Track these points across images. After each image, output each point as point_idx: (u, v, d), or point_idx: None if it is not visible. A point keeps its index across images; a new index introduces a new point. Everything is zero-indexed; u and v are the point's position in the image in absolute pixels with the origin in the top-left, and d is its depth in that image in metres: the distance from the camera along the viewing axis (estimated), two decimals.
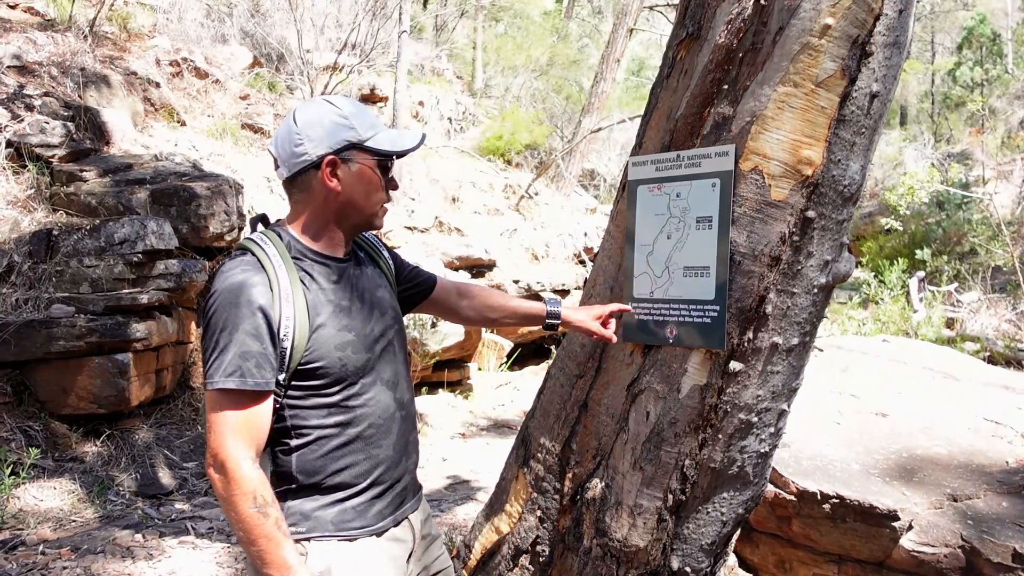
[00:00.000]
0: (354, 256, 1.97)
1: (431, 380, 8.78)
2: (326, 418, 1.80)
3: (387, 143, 1.84)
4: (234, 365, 1.68)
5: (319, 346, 1.76)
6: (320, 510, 1.81)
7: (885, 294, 11.30)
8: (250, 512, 1.64)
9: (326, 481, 1.81)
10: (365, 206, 1.86)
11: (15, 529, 4.55)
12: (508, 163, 14.44)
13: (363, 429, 1.84)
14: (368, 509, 1.86)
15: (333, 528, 1.81)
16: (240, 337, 1.69)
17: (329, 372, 1.78)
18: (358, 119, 1.83)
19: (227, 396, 1.68)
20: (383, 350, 1.91)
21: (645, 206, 2.18)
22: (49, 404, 5.67)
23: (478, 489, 5.53)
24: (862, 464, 3.44)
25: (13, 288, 5.83)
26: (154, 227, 6.31)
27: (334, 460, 1.81)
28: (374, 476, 1.86)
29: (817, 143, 1.92)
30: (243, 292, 1.71)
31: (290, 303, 1.74)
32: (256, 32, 12.28)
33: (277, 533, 1.66)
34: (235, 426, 1.68)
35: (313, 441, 1.80)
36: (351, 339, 1.82)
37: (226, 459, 1.66)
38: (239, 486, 1.65)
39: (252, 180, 8.82)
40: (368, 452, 1.85)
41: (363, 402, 1.84)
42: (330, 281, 1.85)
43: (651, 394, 2.12)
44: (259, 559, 1.65)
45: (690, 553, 2.18)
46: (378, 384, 1.88)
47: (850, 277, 2.12)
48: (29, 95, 7.48)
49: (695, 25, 2.09)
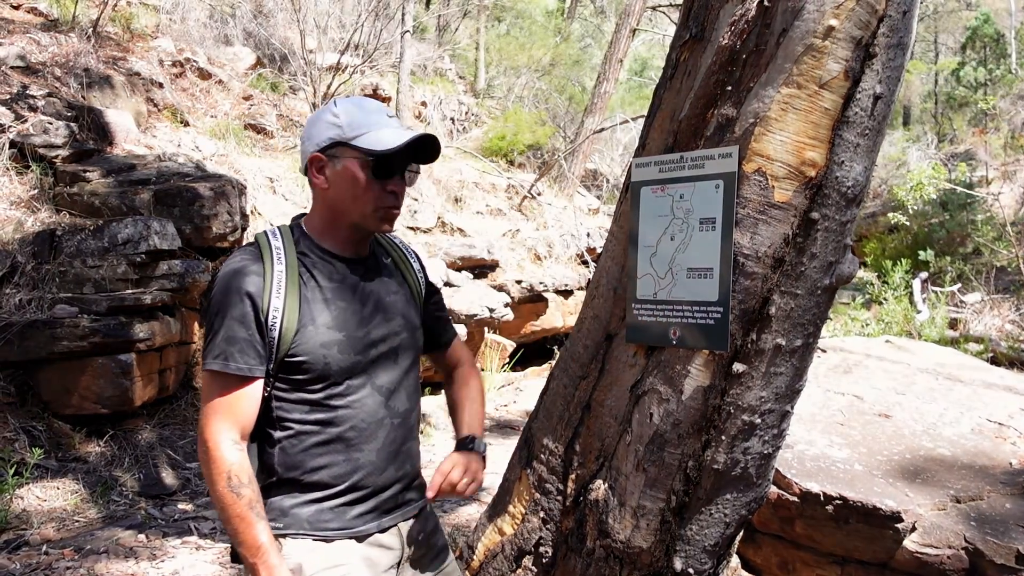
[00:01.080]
0: (372, 259, 1.98)
1: (434, 380, 8.78)
2: (308, 414, 1.83)
3: (372, 142, 1.82)
4: (219, 348, 1.75)
5: (305, 341, 1.79)
6: (297, 508, 1.84)
7: (888, 295, 11.28)
8: (224, 490, 1.70)
9: (304, 477, 1.83)
10: (352, 205, 1.86)
11: (19, 529, 4.56)
12: (511, 163, 14.44)
13: (343, 430, 1.84)
14: (346, 512, 1.86)
15: (309, 527, 1.83)
16: (228, 322, 1.75)
17: (312, 368, 1.80)
18: (349, 118, 1.84)
19: (213, 378, 1.75)
20: (381, 355, 1.90)
21: (648, 207, 2.18)
22: (52, 404, 5.68)
23: (481, 490, 5.53)
24: (865, 465, 3.44)
25: (17, 288, 5.84)
26: (157, 227, 6.32)
27: (313, 457, 1.83)
28: (353, 480, 1.86)
29: (820, 145, 1.91)
30: (235, 279, 1.77)
31: (280, 295, 1.77)
32: (259, 33, 12.30)
33: (250, 513, 1.70)
34: (218, 407, 1.74)
35: (294, 435, 1.83)
36: (339, 338, 1.82)
37: (207, 438, 1.73)
38: (216, 465, 1.71)
39: (255, 181, 8.84)
40: (348, 455, 1.85)
41: (347, 403, 1.84)
42: (331, 279, 1.87)
43: (654, 395, 2.12)
44: (234, 538, 1.71)
45: (693, 554, 2.18)
46: (368, 388, 1.88)
47: (853, 278, 2.12)
48: (33, 96, 7.49)
49: (698, 27, 2.09)
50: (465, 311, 8.95)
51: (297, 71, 11.73)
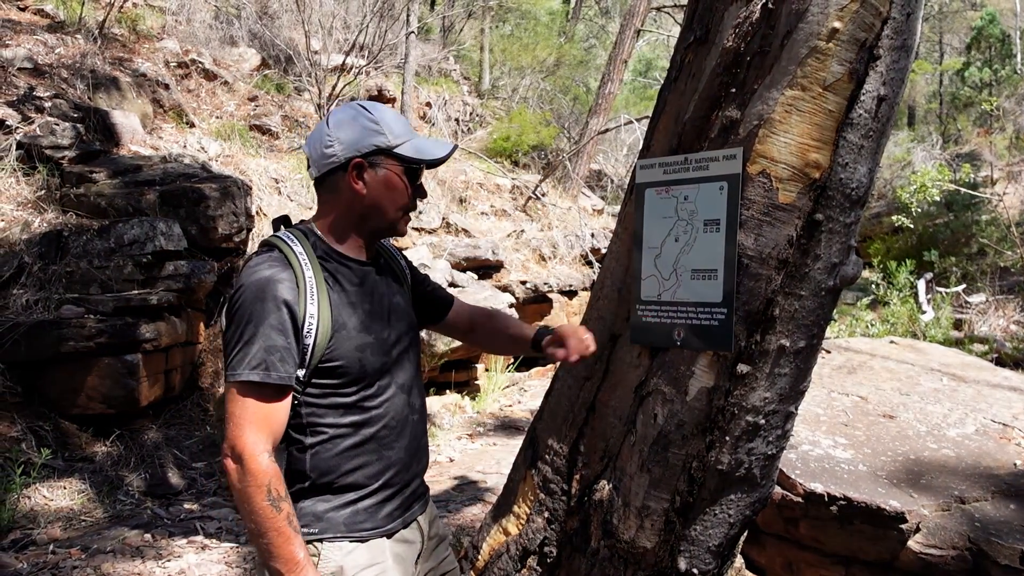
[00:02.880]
0: (376, 262, 2.00)
1: (439, 380, 8.79)
2: (341, 417, 1.83)
3: (416, 151, 1.87)
4: (259, 358, 1.70)
5: (340, 345, 1.79)
6: (332, 511, 1.83)
7: (893, 295, 11.26)
8: (263, 504, 1.66)
9: (338, 481, 1.83)
10: (389, 211, 1.89)
11: (26, 528, 4.58)
12: (515, 164, 14.45)
13: (377, 430, 1.87)
14: (379, 510, 1.88)
15: (345, 529, 1.83)
16: (266, 331, 1.71)
17: (348, 372, 1.81)
18: (389, 125, 1.85)
19: (250, 388, 1.71)
20: (400, 355, 1.95)
21: (653, 209, 2.19)
22: (59, 404, 5.70)
23: (485, 490, 5.54)
24: (869, 466, 3.44)
25: (24, 289, 5.87)
26: (163, 228, 6.34)
27: (347, 460, 1.83)
28: (386, 477, 1.89)
29: (824, 146, 1.92)
30: (270, 287, 1.73)
31: (315, 301, 1.76)
32: (264, 34, 12.33)
33: (288, 528, 1.67)
34: (255, 418, 1.70)
35: (328, 440, 1.82)
36: (370, 341, 1.85)
37: (244, 450, 1.67)
38: (255, 478, 1.66)
39: (260, 181, 8.86)
40: (381, 453, 1.88)
41: (378, 404, 1.87)
42: (352, 283, 1.88)
43: (658, 396, 2.13)
44: (268, 552, 1.67)
45: (697, 555, 2.18)
46: (393, 387, 1.91)
47: (858, 280, 2.13)
48: (39, 97, 7.53)
49: (703, 29, 2.10)
50: None
51: (302, 72, 11.75)
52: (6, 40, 8.15)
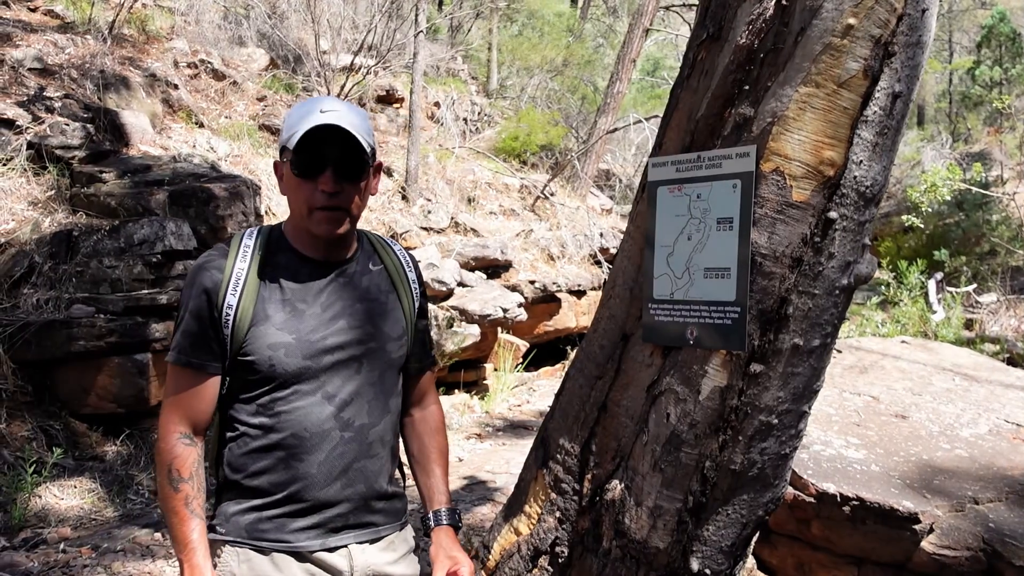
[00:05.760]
0: (351, 263, 1.91)
1: (448, 380, 8.80)
2: (252, 416, 1.80)
3: (292, 140, 1.76)
4: (176, 341, 1.78)
5: (254, 341, 1.76)
6: (239, 515, 1.81)
7: (904, 295, 11.21)
8: (164, 483, 1.74)
9: (245, 482, 1.81)
10: (293, 207, 1.84)
11: (37, 527, 4.60)
12: (524, 164, 14.43)
13: (284, 437, 1.78)
14: (286, 524, 1.80)
15: (246, 535, 1.80)
16: (186, 316, 1.77)
17: (258, 369, 1.77)
18: (287, 120, 1.82)
19: (171, 370, 1.79)
20: (338, 363, 1.82)
21: (665, 207, 2.18)
22: (70, 404, 5.73)
23: (495, 490, 5.53)
24: (882, 466, 3.42)
25: (34, 288, 5.89)
26: (173, 228, 6.36)
27: (254, 461, 1.80)
28: (291, 490, 1.79)
29: (839, 144, 1.90)
30: (197, 275, 1.79)
31: (236, 292, 1.76)
32: (273, 34, 12.34)
33: (184, 509, 1.72)
34: (171, 401, 1.78)
35: (240, 436, 1.82)
36: (288, 341, 1.77)
37: (158, 429, 1.77)
38: (160, 456, 1.75)
39: (269, 181, 8.87)
40: (289, 463, 1.79)
41: (289, 409, 1.78)
42: (296, 280, 1.83)
43: (671, 396, 2.12)
44: (169, 531, 1.74)
45: (710, 555, 2.17)
46: (317, 396, 1.80)
47: (872, 278, 2.11)
48: (50, 97, 7.56)
49: (716, 26, 2.09)
50: (479, 312, 8.95)
51: (311, 72, 11.77)
52: (16, 40, 8.19)
